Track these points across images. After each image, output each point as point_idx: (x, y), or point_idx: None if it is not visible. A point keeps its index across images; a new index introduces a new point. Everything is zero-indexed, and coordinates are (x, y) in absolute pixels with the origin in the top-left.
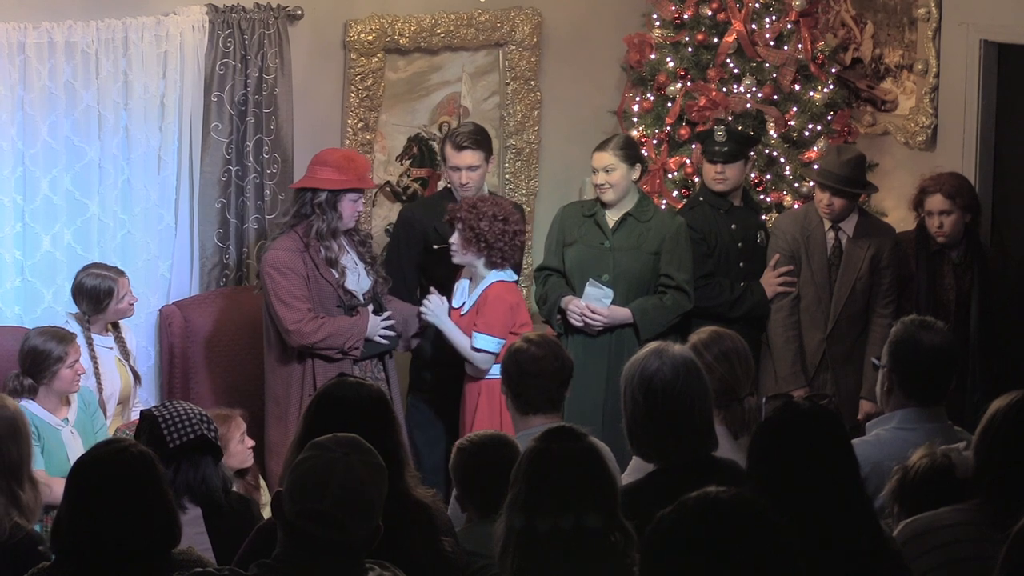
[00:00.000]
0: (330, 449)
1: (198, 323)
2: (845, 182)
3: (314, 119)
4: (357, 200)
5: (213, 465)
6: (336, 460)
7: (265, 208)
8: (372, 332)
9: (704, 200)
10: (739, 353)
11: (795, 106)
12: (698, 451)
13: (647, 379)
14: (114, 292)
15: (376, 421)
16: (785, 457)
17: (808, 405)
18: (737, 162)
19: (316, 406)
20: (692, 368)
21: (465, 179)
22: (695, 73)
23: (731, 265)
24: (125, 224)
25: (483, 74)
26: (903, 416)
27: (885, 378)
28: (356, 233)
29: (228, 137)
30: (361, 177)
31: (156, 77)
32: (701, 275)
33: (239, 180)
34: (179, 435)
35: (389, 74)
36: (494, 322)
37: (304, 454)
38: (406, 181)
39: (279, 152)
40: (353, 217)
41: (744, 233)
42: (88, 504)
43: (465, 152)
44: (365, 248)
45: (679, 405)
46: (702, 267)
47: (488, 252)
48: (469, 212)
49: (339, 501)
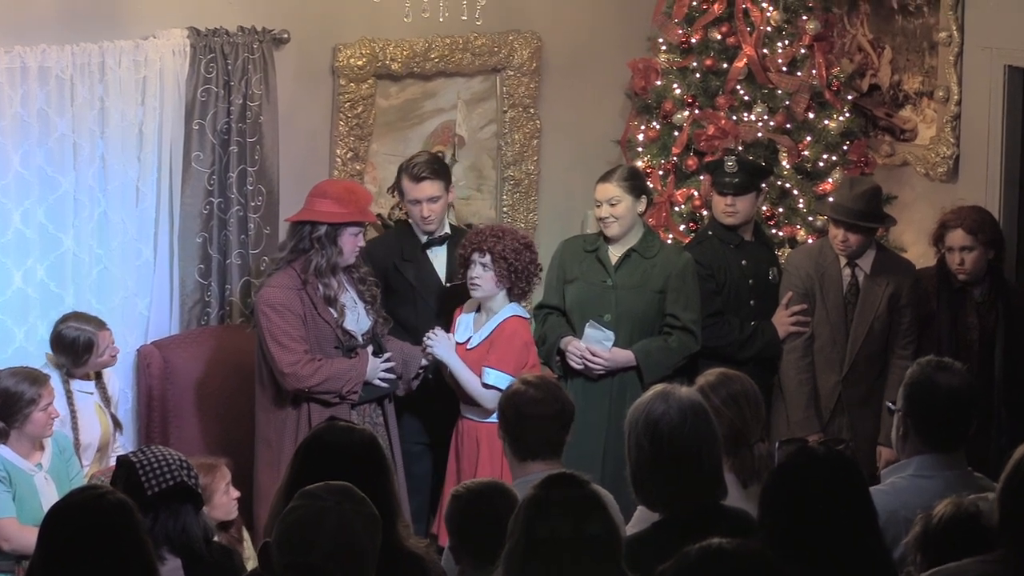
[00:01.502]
0: (321, 498)
1: (178, 364)
2: (860, 216)
3: (301, 148)
4: (358, 235)
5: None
6: (328, 510)
7: (249, 242)
8: (371, 375)
9: (713, 234)
10: (749, 396)
11: (809, 135)
12: (706, 500)
13: (653, 423)
14: (94, 346)
15: (367, 468)
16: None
17: (824, 450)
18: (748, 194)
19: (304, 452)
20: (700, 412)
21: (427, 211)
22: (703, 100)
23: (741, 303)
24: (101, 259)
25: (479, 101)
26: (920, 463)
27: (900, 423)
28: (355, 270)
29: (210, 167)
30: (363, 210)
31: (134, 104)
32: (709, 313)
33: (222, 213)
34: (158, 482)
35: (380, 101)
36: (509, 358)
37: (294, 503)
38: (398, 214)
39: (264, 183)
40: (354, 252)
41: (755, 269)
42: (62, 554)
43: (424, 183)
44: (365, 286)
45: (686, 451)
46: (710, 305)
47: (515, 283)
48: (496, 241)
49: (330, 554)
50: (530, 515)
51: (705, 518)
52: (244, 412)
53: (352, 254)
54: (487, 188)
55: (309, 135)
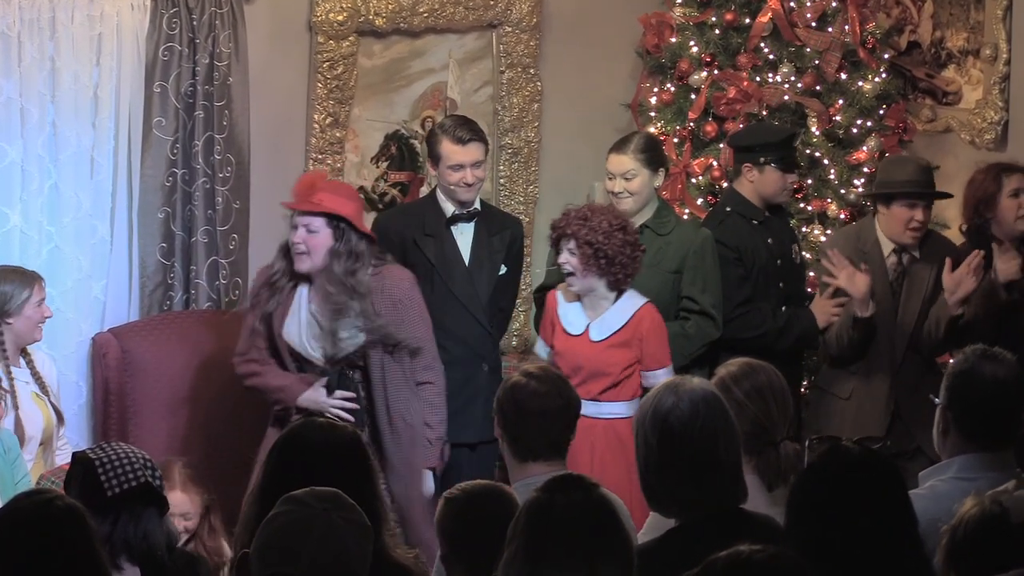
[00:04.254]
0: (308, 504)
1: (138, 354)
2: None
3: (275, 114)
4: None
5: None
6: (314, 517)
7: (217, 218)
8: (318, 405)
9: (733, 210)
10: (775, 389)
11: (841, 98)
12: (724, 503)
13: (661, 418)
14: (24, 297)
15: (349, 470)
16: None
17: (859, 450)
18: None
19: (280, 451)
20: (714, 404)
21: (472, 177)
22: (723, 59)
23: (770, 287)
24: (52, 237)
25: (473, 61)
26: (963, 463)
27: (941, 418)
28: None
29: (173, 135)
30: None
31: (88, 64)
32: (739, 302)
33: (186, 185)
34: (119, 482)
35: (363, 61)
36: (665, 353)
37: (277, 509)
38: (383, 187)
39: (233, 152)
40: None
41: (780, 248)
42: (6, 566)
43: (471, 146)
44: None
45: (700, 447)
46: (739, 292)
47: (608, 271)
48: (580, 225)
49: (318, 565)
50: (532, 521)
51: (725, 523)
52: (212, 408)
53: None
54: None
55: (283, 99)
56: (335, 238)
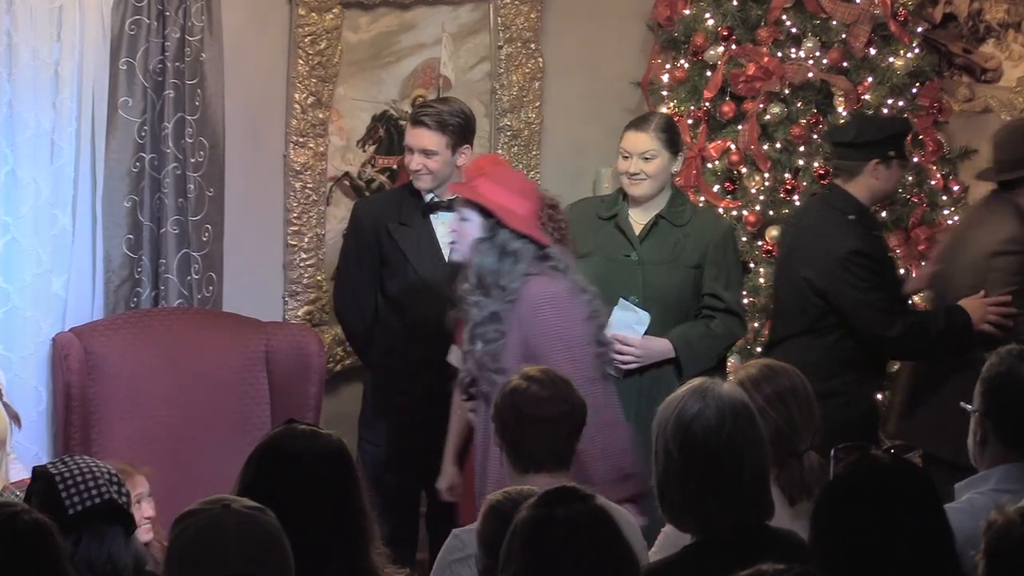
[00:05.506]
0: (202, 511)
1: (103, 356)
2: None
3: (251, 93)
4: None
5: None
6: (219, 515)
7: (188, 207)
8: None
9: (857, 219)
10: (798, 394)
11: (870, 76)
12: (748, 519)
13: (684, 425)
14: None
15: (333, 481)
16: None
17: (890, 460)
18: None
19: (257, 461)
20: (743, 413)
21: (416, 163)
22: (741, 33)
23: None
24: (8, 228)
25: (469, 35)
26: (1002, 474)
27: (978, 426)
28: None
29: (141, 116)
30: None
31: (48, 39)
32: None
33: (155, 171)
34: (82, 499)
35: (348, 35)
36: None
37: (176, 529)
38: (370, 172)
39: (206, 135)
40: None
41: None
42: None
43: (420, 130)
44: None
45: (725, 459)
46: (894, 301)
47: None
48: None
49: (249, 556)
50: (532, 540)
51: (746, 541)
52: (184, 415)
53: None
54: (479, 140)
55: (261, 77)
56: (484, 230)
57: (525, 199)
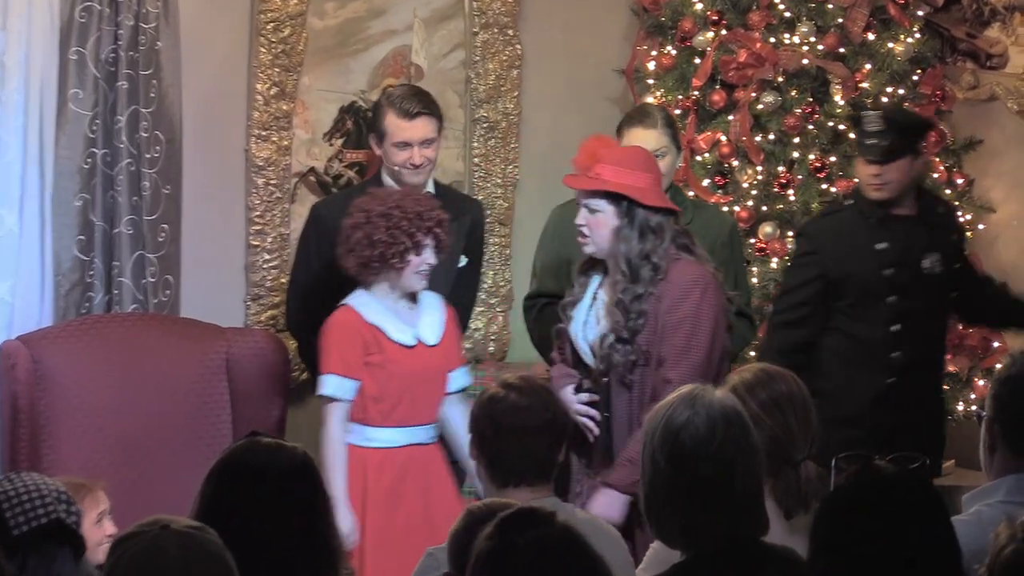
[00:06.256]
0: (140, 532)
1: (53, 366)
2: None
3: (210, 84)
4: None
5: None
6: (158, 537)
7: (144, 206)
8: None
9: (855, 204)
10: (795, 400)
11: (869, 62)
12: (741, 534)
13: (672, 434)
14: None
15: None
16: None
17: (893, 470)
18: (901, 159)
19: (218, 477)
20: (735, 420)
21: (419, 158)
22: (732, 17)
23: (875, 300)
24: None
25: (442, 20)
26: (1012, 485)
27: (987, 432)
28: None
29: (92, 109)
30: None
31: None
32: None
33: (108, 168)
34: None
35: (313, 21)
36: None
37: (114, 555)
38: (337, 167)
39: (162, 129)
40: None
41: (901, 255)
42: None
43: (419, 121)
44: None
45: (715, 470)
46: (790, 296)
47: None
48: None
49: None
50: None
51: (739, 558)
52: (140, 428)
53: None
54: (454, 133)
55: (221, 67)
56: (619, 216)
57: (646, 171)
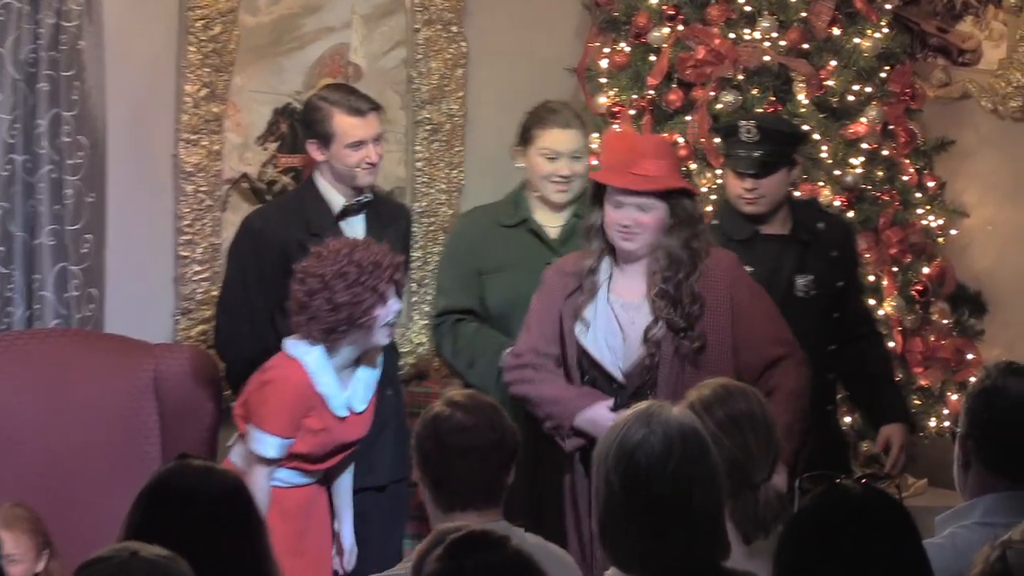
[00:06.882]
0: (109, 557)
1: None
2: None
3: (136, 86)
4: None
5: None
6: (126, 562)
7: (66, 216)
8: (597, 428)
9: (721, 222)
10: (755, 419)
11: (834, 59)
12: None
13: (627, 454)
14: None
15: (230, 524)
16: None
17: (861, 489)
18: (777, 172)
19: (146, 502)
20: (693, 440)
21: (375, 155)
22: (689, 12)
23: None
24: None
25: (382, 16)
26: (988, 505)
27: (960, 449)
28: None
29: (11, 112)
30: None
31: None
32: None
33: (28, 175)
34: None
35: (245, 18)
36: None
37: None
38: (271, 173)
39: (86, 133)
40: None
41: (768, 276)
42: None
43: (371, 117)
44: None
45: (672, 492)
46: None
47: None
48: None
49: None
50: None
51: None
52: (63, 450)
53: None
54: (395, 136)
55: (148, 67)
56: (670, 211)
57: (671, 157)
